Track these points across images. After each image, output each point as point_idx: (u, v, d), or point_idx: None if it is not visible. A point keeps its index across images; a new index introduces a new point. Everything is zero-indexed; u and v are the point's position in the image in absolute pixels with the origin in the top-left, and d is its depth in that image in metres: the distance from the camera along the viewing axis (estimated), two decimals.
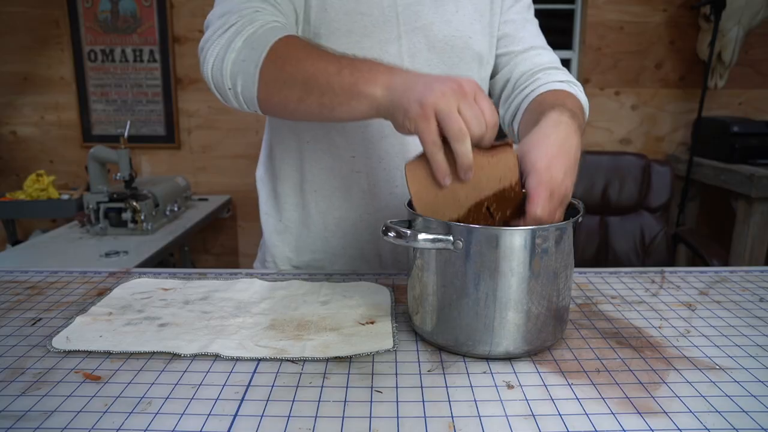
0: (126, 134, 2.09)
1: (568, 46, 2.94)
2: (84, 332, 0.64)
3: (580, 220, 0.61)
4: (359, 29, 0.79)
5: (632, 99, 2.89)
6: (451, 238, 0.55)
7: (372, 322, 0.67)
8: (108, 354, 0.60)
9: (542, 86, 0.82)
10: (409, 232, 0.56)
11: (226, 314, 0.70)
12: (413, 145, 0.79)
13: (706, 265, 1.83)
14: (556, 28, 2.95)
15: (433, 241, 0.56)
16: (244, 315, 0.69)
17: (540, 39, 0.91)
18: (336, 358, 0.59)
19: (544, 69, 0.85)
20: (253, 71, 0.66)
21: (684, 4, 2.76)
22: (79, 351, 0.60)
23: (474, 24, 0.84)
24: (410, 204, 0.64)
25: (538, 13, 0.94)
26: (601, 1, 2.77)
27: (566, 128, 0.62)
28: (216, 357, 0.59)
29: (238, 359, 0.59)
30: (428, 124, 0.55)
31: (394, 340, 0.63)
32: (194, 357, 0.59)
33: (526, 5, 0.92)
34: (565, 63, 2.96)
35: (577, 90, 0.83)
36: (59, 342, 0.62)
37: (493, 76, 0.94)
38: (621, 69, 2.86)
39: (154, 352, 0.60)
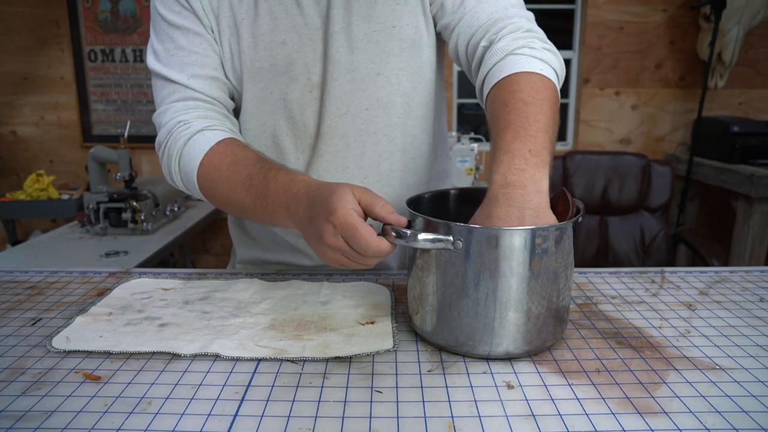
0: (126, 134, 2.09)
1: (568, 46, 2.94)
2: (84, 332, 0.64)
3: (579, 220, 0.61)
4: (282, 59, 0.78)
5: (632, 99, 2.90)
6: (451, 238, 0.55)
7: (372, 322, 0.67)
8: (108, 354, 0.60)
9: (499, 68, 0.70)
10: (409, 232, 0.56)
11: (226, 314, 0.70)
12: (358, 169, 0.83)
13: (706, 265, 1.83)
14: (556, 28, 2.95)
15: (433, 241, 0.56)
16: (244, 315, 0.69)
17: None
18: (336, 358, 0.59)
19: (498, 31, 0.74)
20: (198, 192, 0.78)
21: (684, 4, 2.76)
22: (79, 351, 0.60)
23: (397, 9, 0.78)
24: (409, 203, 0.64)
25: (538, 13, 0.90)
26: (601, 1, 2.78)
27: (507, 195, 0.58)
28: (216, 357, 0.59)
29: (238, 359, 0.59)
30: (336, 263, 0.62)
31: (394, 340, 0.62)
32: (194, 357, 0.59)
33: None
34: (566, 63, 2.96)
35: (541, 62, 0.70)
36: (59, 342, 0.62)
37: (449, 36, 0.81)
38: (621, 69, 2.86)
39: (154, 352, 0.60)
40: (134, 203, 1.99)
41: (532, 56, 0.70)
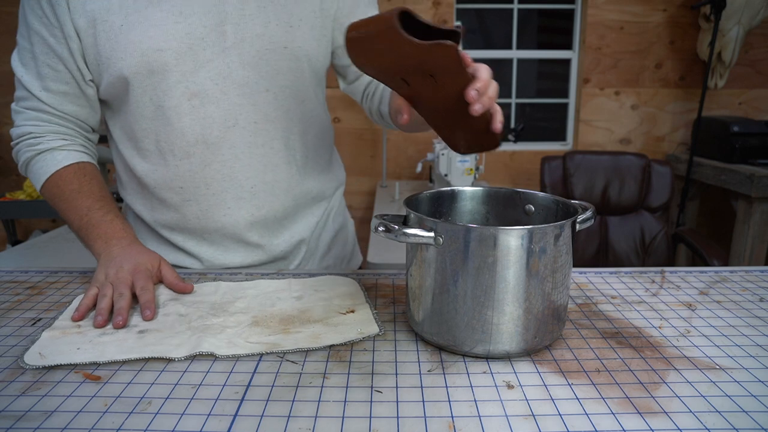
0: None
1: (568, 46, 2.94)
2: (57, 346, 0.61)
3: (579, 220, 0.61)
4: (159, 67, 0.79)
5: (632, 99, 2.89)
6: (432, 234, 0.57)
7: (352, 311, 0.70)
8: (96, 365, 0.58)
9: None
10: (396, 227, 0.58)
11: (204, 313, 0.69)
12: (239, 168, 0.86)
13: (706, 265, 1.83)
14: (556, 28, 2.95)
15: (416, 236, 0.57)
16: (223, 314, 0.69)
17: None
18: (336, 357, 0.59)
19: None
20: (41, 192, 0.85)
21: (684, 4, 2.76)
22: (61, 365, 0.57)
23: (290, 31, 0.84)
24: (407, 202, 0.64)
25: (539, 13, 0.92)
26: (601, 1, 2.77)
27: None
28: (214, 358, 0.59)
29: (237, 358, 0.59)
30: (101, 291, 0.71)
31: (378, 326, 0.65)
32: (193, 357, 0.59)
33: (366, 2, 0.92)
34: (566, 63, 2.96)
35: None
36: (32, 358, 0.58)
37: (353, 80, 0.97)
38: (621, 69, 2.86)
39: (148, 358, 0.59)
40: None
41: None
